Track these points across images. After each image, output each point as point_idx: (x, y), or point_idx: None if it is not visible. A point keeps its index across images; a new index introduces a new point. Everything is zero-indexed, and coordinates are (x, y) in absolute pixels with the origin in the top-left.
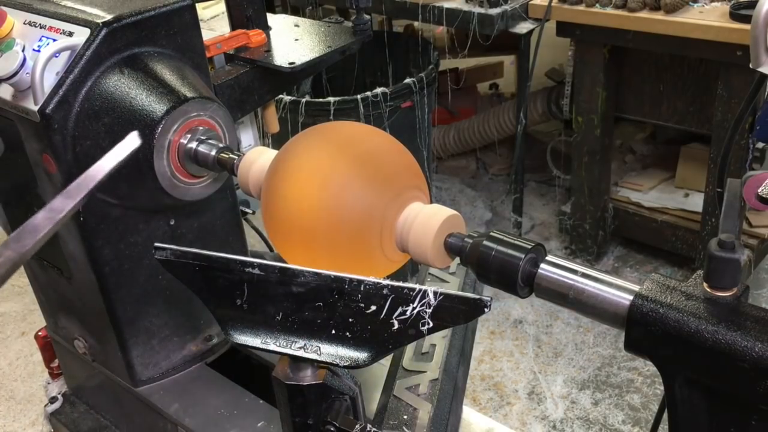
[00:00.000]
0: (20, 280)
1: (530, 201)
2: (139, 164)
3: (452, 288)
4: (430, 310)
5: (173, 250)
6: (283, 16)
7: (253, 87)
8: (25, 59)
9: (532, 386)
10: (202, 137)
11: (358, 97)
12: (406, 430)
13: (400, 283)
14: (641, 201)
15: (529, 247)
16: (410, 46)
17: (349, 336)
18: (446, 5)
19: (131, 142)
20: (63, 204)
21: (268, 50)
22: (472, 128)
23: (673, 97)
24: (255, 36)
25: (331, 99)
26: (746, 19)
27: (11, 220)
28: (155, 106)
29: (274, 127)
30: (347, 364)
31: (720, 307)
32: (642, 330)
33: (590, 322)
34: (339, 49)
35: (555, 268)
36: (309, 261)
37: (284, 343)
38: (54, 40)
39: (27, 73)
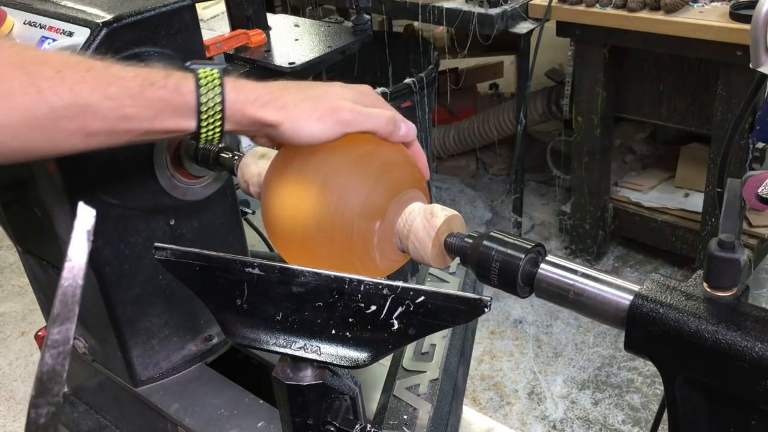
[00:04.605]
0: (20, 280)
1: (530, 201)
2: (139, 164)
3: (452, 288)
4: (431, 310)
5: (173, 250)
6: (283, 16)
7: None
8: None
9: (532, 386)
10: None
11: None
12: (406, 430)
13: (400, 283)
14: (641, 201)
15: (529, 247)
16: (410, 46)
17: (349, 336)
18: (446, 5)
19: (86, 216)
20: (63, 332)
21: (268, 50)
22: (472, 128)
23: (673, 97)
24: (255, 36)
25: None
26: (746, 19)
27: (11, 220)
28: None
29: None
30: (347, 364)
31: (720, 307)
32: (642, 330)
33: (590, 322)
34: (339, 49)
35: (555, 268)
36: (309, 261)
37: (284, 343)
38: (54, 40)
39: None
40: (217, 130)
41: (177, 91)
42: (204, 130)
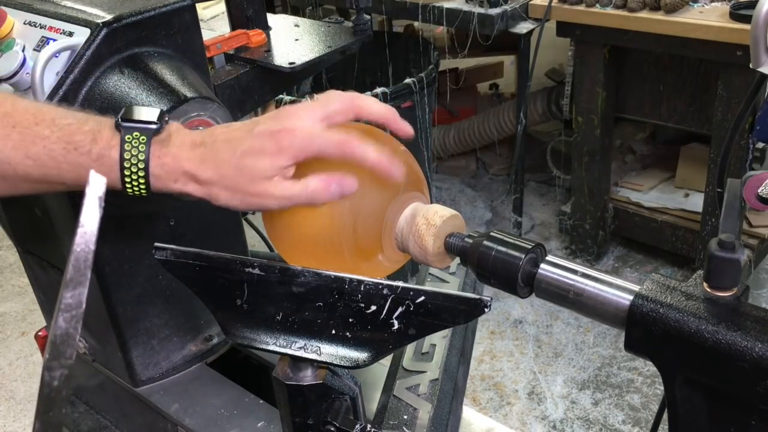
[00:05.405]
0: (20, 280)
1: (530, 201)
2: None
3: (452, 288)
4: (431, 310)
5: (173, 250)
6: (283, 16)
7: (253, 87)
8: (25, 59)
9: (532, 386)
10: None
11: None
12: (406, 430)
13: (400, 283)
14: (641, 201)
15: (529, 247)
16: (410, 46)
17: (349, 336)
18: (446, 5)
19: (97, 183)
20: (76, 296)
21: (268, 50)
22: (472, 128)
23: (673, 97)
24: (255, 36)
25: None
26: (746, 19)
27: (11, 220)
28: (155, 106)
29: None
30: (347, 364)
31: (720, 307)
32: (642, 330)
33: (590, 322)
34: (339, 49)
35: (555, 268)
36: (309, 261)
37: (284, 343)
38: (54, 40)
39: (27, 74)
40: (143, 192)
41: (99, 161)
42: (129, 192)
